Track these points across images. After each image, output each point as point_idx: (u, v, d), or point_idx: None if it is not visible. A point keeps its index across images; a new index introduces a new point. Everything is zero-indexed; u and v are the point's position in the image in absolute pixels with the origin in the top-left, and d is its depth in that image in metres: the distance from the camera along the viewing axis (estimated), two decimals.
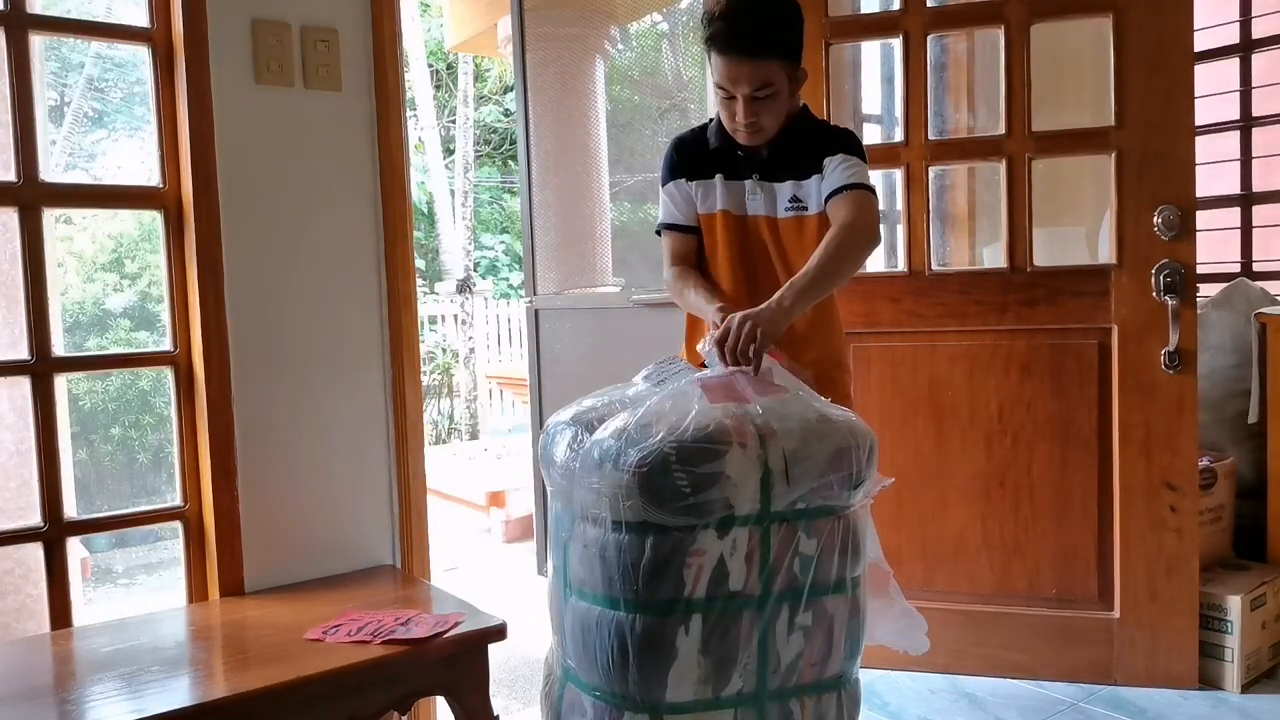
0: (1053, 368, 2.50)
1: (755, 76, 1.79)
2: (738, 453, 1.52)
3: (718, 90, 1.84)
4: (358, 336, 2.06)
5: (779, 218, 1.95)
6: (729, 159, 1.95)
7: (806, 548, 1.58)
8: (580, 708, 1.63)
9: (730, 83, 1.81)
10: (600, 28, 3.98)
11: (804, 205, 1.93)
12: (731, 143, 1.93)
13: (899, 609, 1.81)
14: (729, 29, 1.77)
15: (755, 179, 1.94)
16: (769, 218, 1.95)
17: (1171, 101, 2.37)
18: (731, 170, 1.95)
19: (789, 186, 1.93)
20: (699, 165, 1.98)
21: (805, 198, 1.93)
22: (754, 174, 1.94)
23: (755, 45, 1.77)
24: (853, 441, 1.63)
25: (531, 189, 3.60)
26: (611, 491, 1.54)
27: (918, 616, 1.82)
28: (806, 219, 1.93)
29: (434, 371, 9.16)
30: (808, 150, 1.91)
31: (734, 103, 1.82)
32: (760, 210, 1.95)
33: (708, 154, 1.97)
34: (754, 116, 1.83)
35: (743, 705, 1.56)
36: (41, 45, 1.94)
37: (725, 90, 1.82)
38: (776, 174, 1.93)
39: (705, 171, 1.97)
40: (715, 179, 1.96)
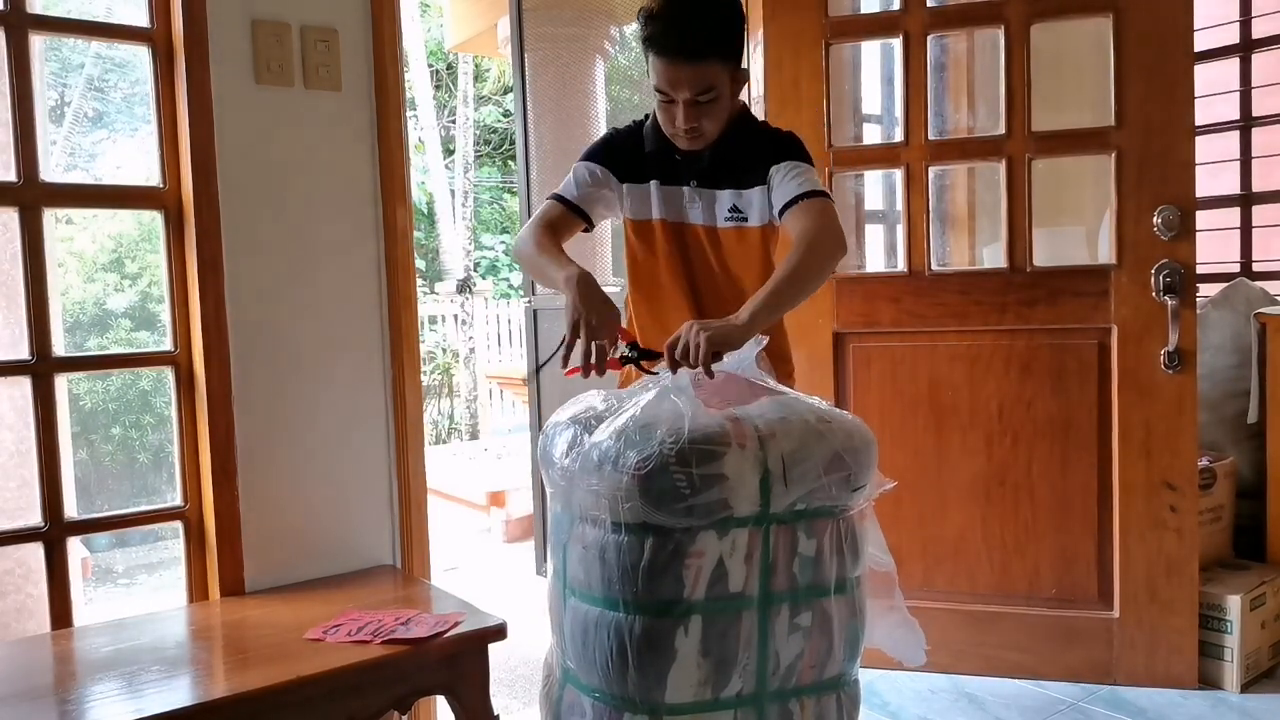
0: (1052, 368, 2.50)
1: (696, 80, 1.70)
2: (737, 454, 1.52)
3: (656, 94, 1.74)
4: (358, 336, 2.06)
5: (719, 227, 1.85)
6: (666, 163, 1.84)
7: (806, 549, 1.58)
8: (580, 709, 1.63)
9: (670, 86, 1.71)
10: (600, 28, 3.98)
11: (744, 216, 1.83)
12: (669, 146, 1.83)
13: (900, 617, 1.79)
14: (668, 30, 1.67)
15: (694, 185, 1.84)
16: (708, 227, 1.86)
17: (1171, 101, 2.37)
18: (668, 175, 1.84)
19: (729, 195, 1.84)
20: (634, 167, 1.86)
21: (746, 208, 1.83)
22: (692, 180, 1.84)
23: (696, 47, 1.68)
24: (852, 443, 1.63)
25: (531, 189, 3.60)
26: (610, 493, 1.54)
27: (918, 631, 1.79)
28: (747, 229, 1.84)
29: (434, 371, 9.16)
30: (750, 157, 1.82)
31: (674, 107, 1.73)
32: (699, 219, 1.86)
33: (644, 157, 1.86)
34: (695, 121, 1.74)
35: (742, 706, 1.56)
36: (41, 45, 1.94)
37: (665, 94, 1.73)
38: (716, 181, 1.83)
39: (640, 175, 1.86)
40: (650, 185, 1.85)
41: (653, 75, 1.73)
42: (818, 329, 2.62)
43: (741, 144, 1.83)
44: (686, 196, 1.85)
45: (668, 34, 1.68)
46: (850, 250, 2.90)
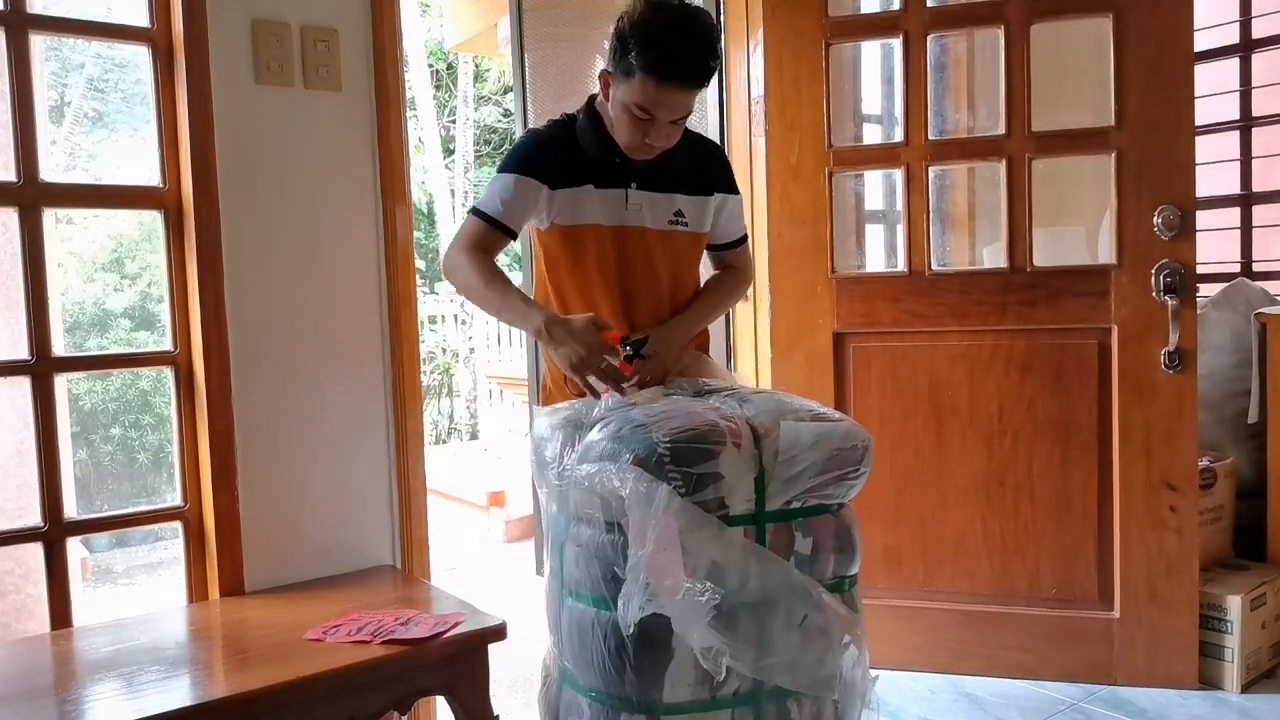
0: (1053, 368, 2.50)
1: (684, 105, 1.71)
2: (732, 452, 1.52)
3: (631, 109, 1.70)
4: (358, 336, 2.06)
5: (660, 229, 1.86)
6: (604, 167, 1.81)
7: (802, 547, 1.58)
8: (577, 708, 1.63)
9: (655, 108, 1.69)
10: (600, 28, 3.98)
11: (686, 221, 1.86)
12: (609, 150, 1.80)
13: None
14: (681, 61, 1.65)
15: (634, 187, 1.82)
16: (650, 229, 1.85)
17: (1171, 101, 2.37)
18: (606, 179, 1.81)
19: (673, 199, 1.86)
20: (566, 172, 1.80)
21: (689, 214, 1.87)
22: (632, 182, 1.82)
23: (699, 80, 1.69)
24: (848, 442, 1.63)
25: None
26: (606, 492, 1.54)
27: None
28: (685, 234, 1.87)
29: (434, 371, 9.16)
30: (695, 168, 1.86)
31: (648, 124, 1.71)
32: (641, 221, 1.84)
33: (579, 159, 1.81)
34: (667, 140, 1.75)
35: (739, 705, 1.56)
36: (41, 45, 1.94)
37: (645, 113, 1.69)
38: (657, 184, 1.84)
39: (573, 178, 1.80)
40: (586, 188, 1.80)
41: (634, 94, 1.68)
42: (818, 329, 2.62)
43: (685, 152, 1.85)
44: (630, 200, 1.83)
45: (676, 63, 1.65)
46: (850, 250, 2.93)
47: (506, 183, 1.79)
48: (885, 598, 2.59)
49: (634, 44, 1.66)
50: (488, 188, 1.81)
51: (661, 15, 1.67)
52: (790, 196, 2.62)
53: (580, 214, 1.81)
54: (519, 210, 1.79)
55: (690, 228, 1.88)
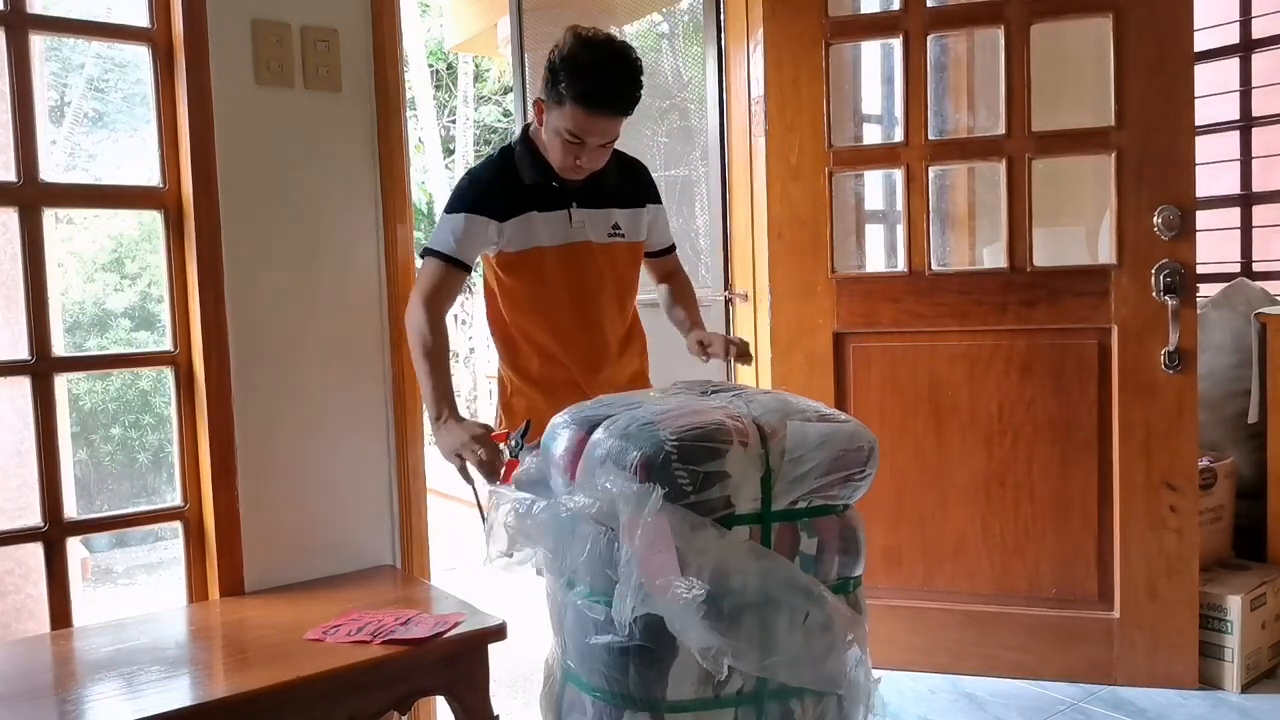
0: (1053, 368, 2.50)
1: (611, 130, 1.88)
2: (739, 451, 1.52)
3: (563, 135, 1.85)
4: (358, 336, 2.06)
5: (603, 243, 2.01)
6: (545, 191, 1.96)
7: (807, 547, 1.58)
8: (581, 707, 1.63)
9: (585, 133, 1.84)
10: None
11: (623, 233, 2.04)
12: (549, 175, 1.95)
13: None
14: (608, 92, 1.82)
15: (575, 206, 1.97)
16: (594, 243, 2.00)
17: (1171, 101, 2.37)
18: (548, 203, 1.96)
19: (611, 214, 2.02)
20: (511, 203, 1.93)
21: (625, 226, 2.04)
22: (572, 202, 1.97)
23: (625, 107, 1.85)
24: (854, 442, 1.63)
25: None
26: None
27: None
28: (623, 244, 2.05)
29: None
30: (626, 183, 2.05)
31: (579, 148, 1.87)
32: (586, 236, 1.99)
33: (520, 189, 1.95)
34: (597, 162, 1.91)
35: (743, 704, 1.56)
36: (41, 45, 1.94)
37: (575, 138, 1.85)
38: (594, 201, 1.99)
39: (517, 208, 1.94)
40: (531, 214, 1.94)
41: (565, 120, 1.83)
42: (818, 329, 2.62)
43: (615, 171, 2.03)
44: (573, 218, 1.98)
45: (603, 93, 1.82)
46: (850, 250, 2.94)
47: (457, 222, 1.91)
48: (885, 598, 2.59)
49: (564, 76, 1.81)
50: (437, 228, 1.94)
51: (589, 49, 1.82)
52: (790, 196, 2.62)
53: (529, 239, 1.95)
54: (471, 246, 1.92)
55: (627, 238, 2.05)
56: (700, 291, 2.92)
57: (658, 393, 1.78)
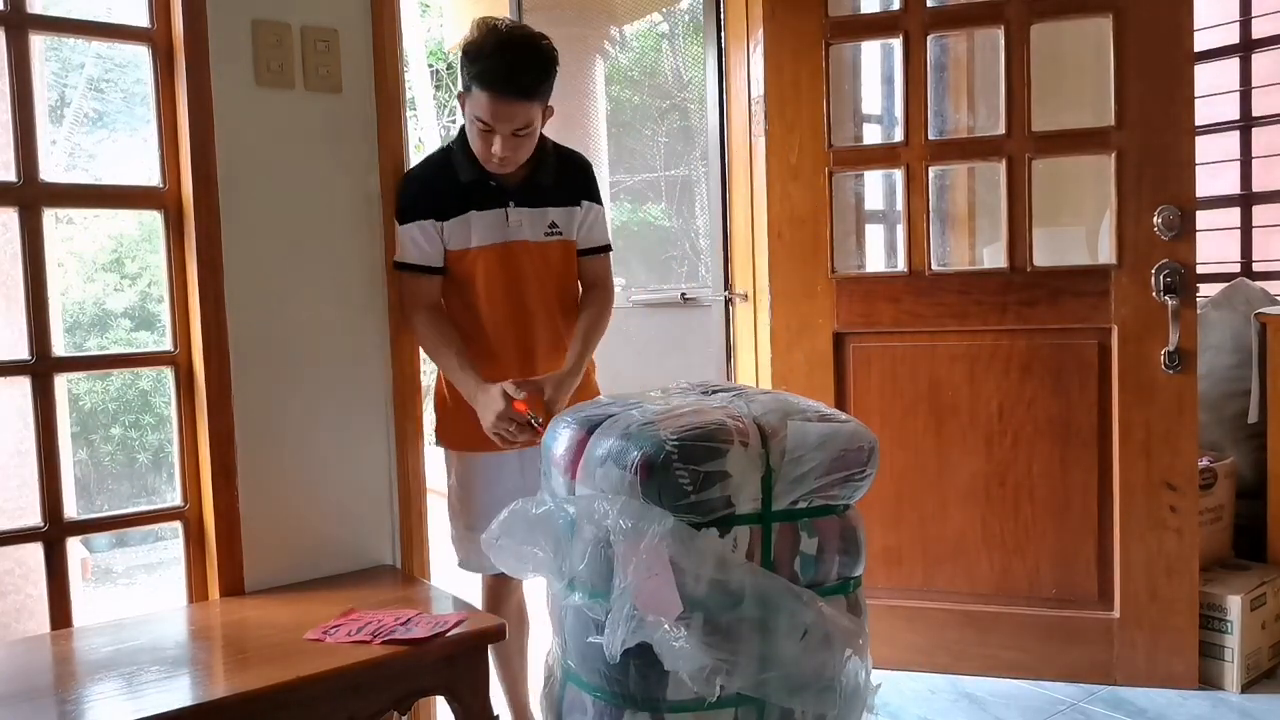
0: (1053, 368, 2.50)
1: (519, 116, 1.86)
2: (739, 451, 1.52)
3: (476, 123, 1.87)
4: (358, 336, 2.06)
5: (539, 241, 2.02)
6: (482, 190, 1.97)
7: (808, 547, 1.58)
8: (581, 707, 1.63)
9: (494, 119, 1.85)
10: (600, 28, 3.98)
11: (559, 231, 2.04)
12: (484, 173, 1.96)
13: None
14: (502, 71, 1.82)
15: (512, 205, 1.98)
16: (532, 242, 2.01)
17: (1171, 101, 2.37)
18: (485, 201, 1.97)
19: (548, 212, 2.02)
20: (449, 202, 1.96)
21: (561, 224, 2.04)
22: (510, 201, 1.98)
23: (528, 90, 1.86)
24: (854, 442, 1.63)
25: None
26: (613, 490, 1.54)
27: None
28: (558, 243, 2.05)
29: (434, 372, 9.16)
30: (562, 180, 2.04)
31: (492, 136, 1.87)
32: (523, 235, 2.00)
33: (458, 188, 1.97)
34: (511, 151, 1.90)
35: (743, 704, 1.56)
36: (41, 45, 1.94)
37: (486, 125, 1.86)
38: (533, 200, 2.00)
39: (457, 207, 1.96)
40: (469, 214, 1.97)
41: (475, 106, 1.86)
42: (818, 329, 2.62)
43: (553, 167, 2.03)
44: (510, 217, 1.99)
45: (501, 74, 1.82)
46: (850, 250, 2.94)
47: (410, 231, 1.97)
48: (885, 598, 2.59)
49: (469, 61, 1.85)
50: (399, 240, 1.99)
51: (495, 36, 1.85)
52: (790, 196, 2.62)
53: (469, 238, 1.97)
54: (430, 249, 1.97)
55: (563, 236, 2.05)
56: (700, 291, 2.92)
57: (658, 392, 1.79)
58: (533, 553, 1.65)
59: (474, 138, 1.91)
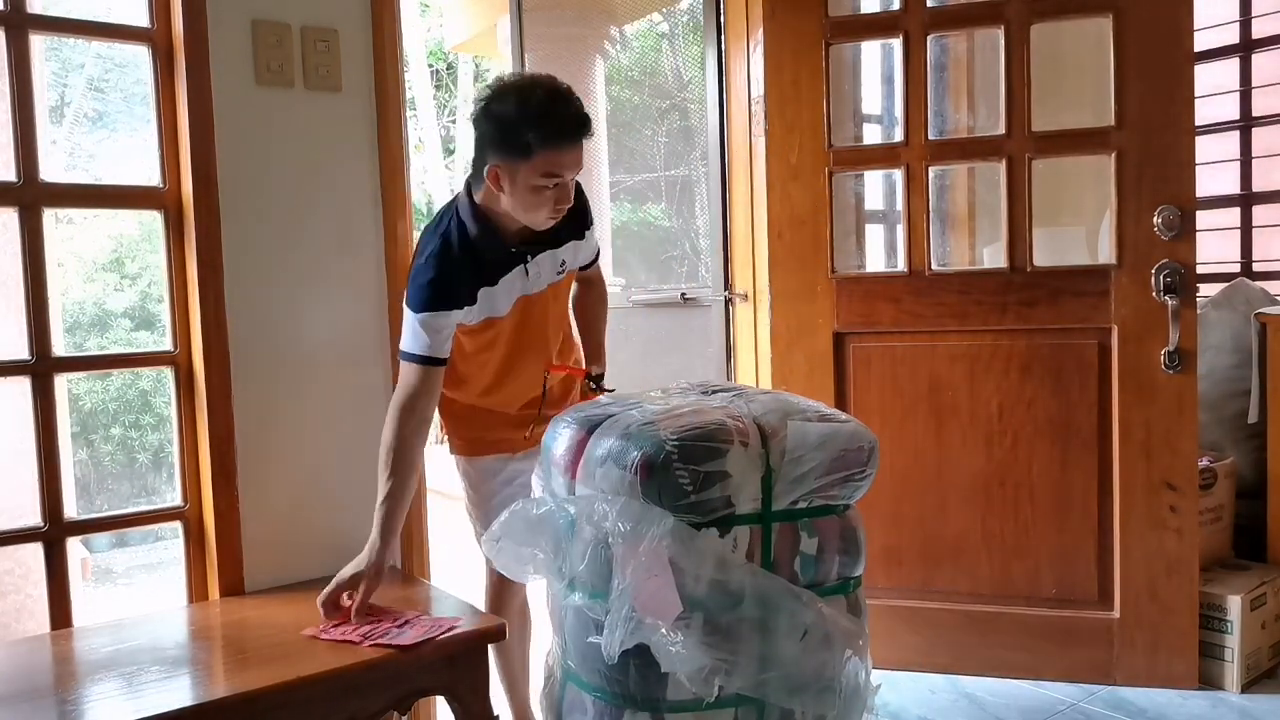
0: (1053, 368, 2.50)
1: (580, 157, 1.80)
2: (739, 451, 1.52)
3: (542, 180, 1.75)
4: (358, 336, 2.06)
5: (553, 283, 1.98)
6: (500, 259, 1.88)
7: (808, 547, 1.58)
8: (581, 707, 1.63)
9: (563, 169, 1.77)
10: (600, 28, 3.98)
11: (566, 266, 2.01)
12: (499, 242, 1.86)
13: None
14: (570, 118, 1.75)
15: (530, 259, 1.90)
16: (550, 285, 1.97)
17: (1171, 101, 2.37)
18: (505, 267, 1.88)
19: (558, 253, 1.96)
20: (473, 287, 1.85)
21: (569, 259, 2.00)
22: (527, 255, 1.90)
23: (588, 125, 1.78)
24: (854, 442, 1.63)
25: None
26: (613, 490, 1.54)
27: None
28: (565, 277, 2.02)
29: None
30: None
31: (557, 190, 1.78)
32: (541, 284, 1.94)
33: (480, 268, 1.86)
34: (570, 197, 1.82)
35: (743, 704, 1.56)
36: (41, 45, 1.94)
37: (555, 178, 1.76)
38: (546, 244, 1.92)
39: (484, 281, 1.86)
40: (498, 284, 1.87)
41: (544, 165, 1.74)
42: (818, 329, 2.62)
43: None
44: (529, 273, 1.91)
45: (568, 122, 1.75)
46: (850, 250, 2.94)
47: (427, 322, 1.81)
48: (885, 598, 2.58)
49: (524, 126, 1.73)
50: (408, 329, 1.83)
51: (527, 92, 1.76)
52: (790, 196, 2.62)
53: (494, 309, 1.89)
54: (444, 340, 1.84)
55: (568, 268, 2.02)
56: (700, 291, 2.92)
57: (658, 392, 1.79)
58: (533, 554, 1.65)
59: (532, 203, 1.79)
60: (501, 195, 1.79)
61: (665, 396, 1.76)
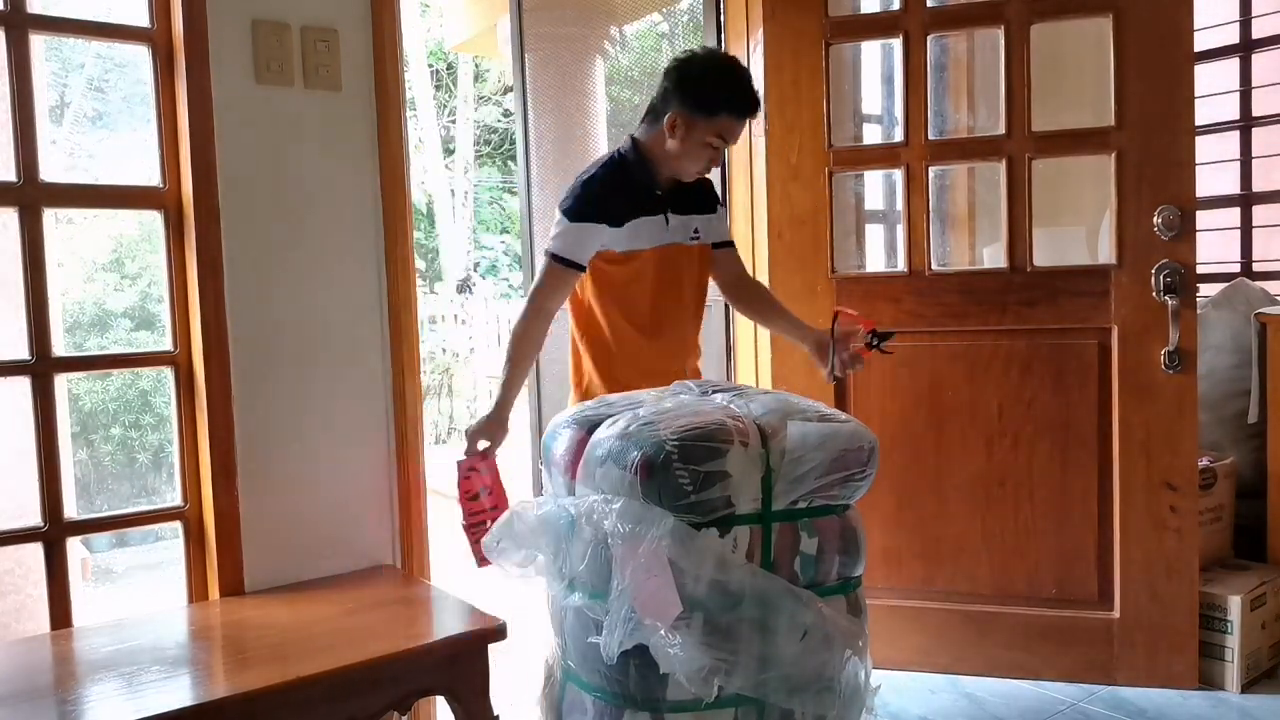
0: (1053, 368, 2.50)
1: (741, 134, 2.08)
2: (739, 451, 1.52)
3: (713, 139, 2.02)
4: (358, 336, 2.06)
5: (686, 245, 2.16)
6: (650, 198, 2.09)
7: (807, 547, 1.58)
8: (581, 707, 1.63)
9: (731, 137, 2.05)
10: (600, 28, 3.98)
11: (699, 236, 2.19)
12: (654, 184, 2.10)
13: None
14: (751, 97, 2.02)
15: (668, 212, 2.11)
16: (681, 245, 2.14)
17: (1171, 101, 2.37)
18: (650, 209, 2.09)
19: (692, 219, 2.16)
20: (625, 209, 2.06)
21: (702, 230, 2.19)
22: (667, 208, 2.11)
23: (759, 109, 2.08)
24: (854, 443, 1.63)
25: (531, 189, 3.59)
26: (613, 489, 1.54)
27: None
28: (699, 246, 2.19)
29: (434, 371, 9.16)
30: (701, 191, 2.19)
31: (717, 152, 2.06)
32: (677, 239, 2.13)
33: (632, 195, 2.08)
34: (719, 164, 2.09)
35: (743, 704, 1.56)
36: (41, 45, 1.94)
37: (723, 142, 2.04)
38: (682, 208, 2.14)
39: (630, 214, 2.06)
40: (641, 219, 2.08)
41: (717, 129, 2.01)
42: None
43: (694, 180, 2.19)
44: (669, 224, 2.12)
45: (749, 99, 2.03)
46: (850, 250, 2.94)
47: (582, 229, 2.04)
48: (885, 598, 2.58)
49: (718, 91, 2.01)
50: (561, 233, 2.05)
51: (725, 63, 2.08)
52: (790, 196, 2.62)
53: (636, 240, 2.08)
54: (590, 250, 2.06)
55: (702, 240, 2.20)
56: None
57: (658, 392, 1.79)
58: (533, 554, 1.65)
59: (696, 156, 2.05)
60: (669, 141, 2.04)
61: (665, 396, 1.76)
